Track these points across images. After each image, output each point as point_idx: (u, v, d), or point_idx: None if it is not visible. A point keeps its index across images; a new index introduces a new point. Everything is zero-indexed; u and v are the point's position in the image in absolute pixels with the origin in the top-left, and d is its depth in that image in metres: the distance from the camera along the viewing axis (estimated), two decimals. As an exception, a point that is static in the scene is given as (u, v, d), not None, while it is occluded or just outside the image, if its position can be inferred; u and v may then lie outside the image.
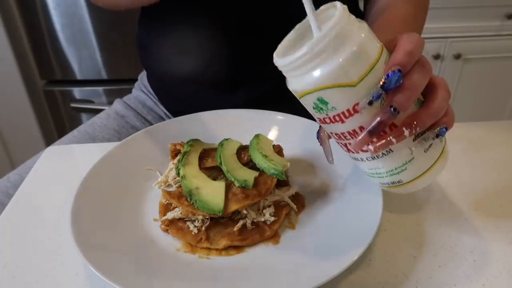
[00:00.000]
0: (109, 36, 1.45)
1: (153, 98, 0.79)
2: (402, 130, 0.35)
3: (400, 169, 0.38)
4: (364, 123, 0.35)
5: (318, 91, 0.35)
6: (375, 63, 0.34)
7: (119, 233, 0.44)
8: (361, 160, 0.39)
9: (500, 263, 0.42)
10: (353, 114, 0.35)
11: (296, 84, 0.36)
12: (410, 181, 0.39)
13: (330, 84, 0.34)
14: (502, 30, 1.52)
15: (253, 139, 0.51)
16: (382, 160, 0.38)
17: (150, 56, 0.74)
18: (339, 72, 0.33)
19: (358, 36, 0.34)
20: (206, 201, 0.43)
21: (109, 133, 0.73)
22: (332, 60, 0.33)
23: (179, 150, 0.52)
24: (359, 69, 0.34)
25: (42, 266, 0.43)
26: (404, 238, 0.45)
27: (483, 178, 0.53)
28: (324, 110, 0.36)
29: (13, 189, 0.59)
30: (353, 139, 0.37)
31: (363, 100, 0.34)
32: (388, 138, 0.35)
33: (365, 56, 0.34)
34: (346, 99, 0.35)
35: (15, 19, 1.45)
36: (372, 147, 0.36)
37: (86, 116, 1.59)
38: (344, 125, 0.36)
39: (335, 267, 0.37)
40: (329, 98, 0.35)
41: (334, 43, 0.33)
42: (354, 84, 0.34)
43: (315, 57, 0.34)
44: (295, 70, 0.35)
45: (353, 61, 0.33)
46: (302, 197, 0.49)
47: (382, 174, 0.39)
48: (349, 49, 0.33)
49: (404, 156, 0.37)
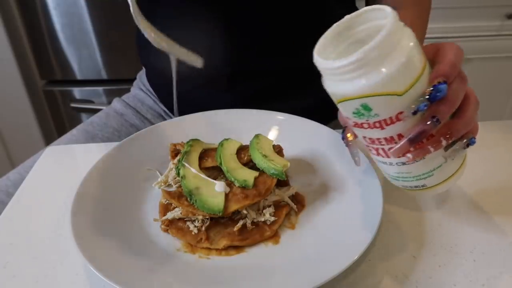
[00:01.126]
0: (109, 36, 1.45)
1: (152, 96, 0.79)
2: (439, 140, 0.36)
3: (427, 175, 0.39)
4: (404, 131, 0.36)
5: (364, 98, 0.34)
6: (422, 73, 0.34)
7: (119, 233, 0.44)
8: (390, 164, 0.40)
9: (500, 263, 0.42)
10: (394, 122, 0.35)
11: (339, 88, 0.36)
12: (433, 186, 0.40)
13: (378, 92, 0.34)
14: (502, 30, 1.51)
15: (253, 139, 0.51)
16: (413, 166, 0.39)
17: (150, 53, 0.74)
18: (388, 81, 0.33)
19: (408, 45, 0.34)
20: (206, 201, 0.43)
21: (108, 132, 0.73)
22: (382, 68, 0.33)
23: (179, 150, 0.52)
24: (407, 78, 0.34)
25: (42, 266, 0.43)
26: (404, 238, 0.45)
27: (483, 178, 0.53)
28: (365, 116, 0.36)
29: (13, 188, 0.59)
30: (388, 145, 0.37)
31: (408, 110, 0.34)
32: (426, 147, 0.36)
33: (414, 65, 0.34)
34: (391, 107, 0.35)
35: (15, 19, 1.44)
36: (411, 155, 0.36)
37: (86, 116, 1.59)
38: (382, 132, 0.36)
39: (335, 267, 0.37)
40: (373, 105, 0.35)
41: (386, 51, 0.33)
42: (401, 93, 0.34)
43: (366, 64, 0.33)
44: (341, 74, 0.34)
45: (403, 70, 0.33)
46: (302, 197, 0.49)
47: (408, 178, 0.40)
48: (400, 58, 0.33)
49: (435, 163, 0.38)
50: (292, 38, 0.66)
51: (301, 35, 0.67)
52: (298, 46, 0.67)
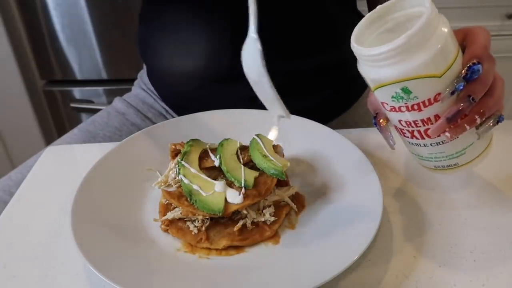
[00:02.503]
0: (109, 36, 1.45)
1: (153, 95, 0.79)
2: (474, 117, 0.38)
3: (460, 153, 0.41)
4: (440, 111, 0.38)
5: (405, 81, 0.36)
6: (457, 55, 0.37)
7: (119, 233, 0.44)
8: (424, 145, 0.41)
9: (500, 263, 0.42)
10: (432, 103, 0.37)
11: (379, 74, 0.37)
12: (465, 164, 0.42)
13: (418, 75, 0.36)
14: (502, 30, 1.51)
15: (253, 139, 0.51)
16: (447, 145, 0.40)
17: (151, 52, 0.74)
18: (429, 64, 0.35)
19: (444, 30, 0.36)
20: (206, 201, 0.43)
21: (110, 131, 0.73)
22: (423, 52, 0.35)
23: (179, 150, 0.52)
24: (445, 61, 0.36)
25: (42, 266, 0.43)
26: (404, 238, 0.45)
27: (483, 178, 0.53)
28: (403, 99, 0.38)
29: (15, 188, 0.59)
30: (425, 126, 0.39)
31: (446, 90, 0.36)
32: (463, 125, 0.38)
33: (450, 49, 0.36)
34: (430, 89, 0.37)
35: (15, 19, 1.44)
36: (449, 134, 0.38)
37: (86, 116, 1.59)
38: (420, 113, 0.38)
39: (335, 267, 0.37)
40: (414, 88, 0.37)
41: (426, 36, 0.35)
42: (440, 75, 0.36)
43: (408, 49, 0.35)
44: (383, 60, 0.36)
45: (441, 53, 0.35)
46: (302, 197, 0.49)
47: (441, 158, 0.42)
48: (438, 42, 0.35)
49: (468, 142, 0.40)
50: (295, 41, 0.66)
51: (304, 38, 0.67)
52: (301, 49, 0.67)
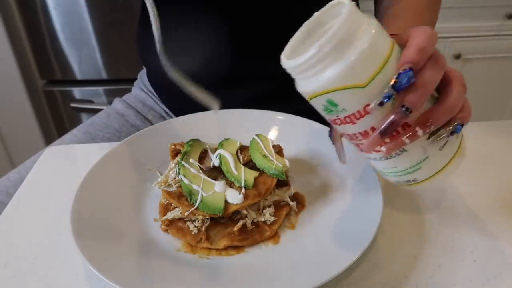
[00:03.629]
0: (109, 36, 1.45)
1: (153, 96, 0.79)
2: (415, 130, 0.34)
3: (414, 168, 0.37)
4: (376, 124, 0.34)
5: (327, 94, 0.34)
6: (386, 62, 0.33)
7: (119, 233, 0.44)
8: (375, 159, 0.39)
9: (500, 263, 0.42)
10: (363, 116, 0.34)
11: (305, 86, 0.35)
12: (425, 179, 0.38)
13: (339, 86, 0.33)
14: (502, 30, 1.51)
15: (253, 139, 0.51)
16: (396, 159, 0.37)
17: (150, 54, 0.74)
18: (347, 74, 0.32)
19: (367, 35, 0.32)
20: (206, 201, 0.43)
21: (109, 132, 0.73)
22: (340, 61, 0.32)
23: (179, 150, 0.52)
24: (368, 69, 0.32)
25: (42, 266, 0.43)
26: (404, 238, 0.45)
27: (483, 178, 0.53)
28: (334, 112, 0.35)
29: (13, 188, 0.59)
30: (365, 139, 0.36)
31: (374, 101, 0.33)
32: (401, 139, 0.34)
33: (375, 56, 0.33)
34: (356, 100, 0.33)
35: (15, 19, 1.44)
36: (384, 148, 0.35)
37: (86, 116, 1.59)
38: (355, 126, 0.35)
39: (335, 267, 0.37)
40: (338, 100, 0.34)
41: (342, 44, 0.32)
42: (363, 85, 0.33)
43: (322, 59, 0.32)
44: (302, 72, 0.34)
45: (362, 61, 0.32)
46: (302, 197, 0.49)
47: (396, 173, 0.38)
48: (357, 50, 0.32)
49: (419, 155, 0.36)
50: None
51: None
52: None
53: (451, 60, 1.55)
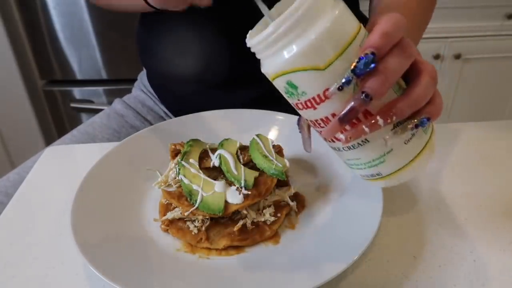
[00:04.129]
0: (109, 36, 1.45)
1: (153, 97, 0.79)
2: (376, 119, 0.32)
3: (378, 161, 0.35)
4: (337, 110, 0.32)
5: (287, 74, 0.32)
6: (348, 45, 0.31)
7: (119, 233, 0.44)
8: (338, 149, 0.37)
9: (500, 263, 0.42)
10: (324, 100, 0.32)
11: (267, 66, 0.34)
12: (389, 174, 0.36)
13: (297, 67, 0.31)
14: (502, 30, 1.51)
15: (253, 139, 0.51)
16: (359, 150, 0.35)
17: (150, 55, 0.74)
18: (306, 54, 0.31)
19: (330, 14, 0.31)
20: (206, 201, 0.43)
21: (108, 133, 0.73)
22: (299, 40, 0.31)
23: (179, 150, 0.52)
24: (328, 51, 0.31)
25: (42, 266, 0.43)
26: (404, 238, 0.45)
27: (483, 178, 0.53)
28: (295, 95, 0.33)
29: (12, 189, 0.59)
30: (327, 126, 0.34)
31: (334, 85, 0.31)
32: (361, 127, 0.32)
33: (337, 37, 0.31)
34: (315, 83, 0.32)
35: (15, 19, 1.44)
36: (343, 136, 0.33)
37: (86, 116, 1.59)
38: (316, 112, 0.34)
39: (335, 267, 0.37)
40: (298, 82, 0.32)
41: (302, 21, 0.30)
42: (323, 67, 0.31)
43: (283, 36, 0.31)
44: (264, 50, 0.33)
45: (322, 41, 0.30)
46: (302, 197, 0.49)
47: (360, 165, 0.37)
48: (318, 29, 0.30)
49: (382, 147, 0.34)
50: None
51: None
52: None
53: (451, 60, 1.55)
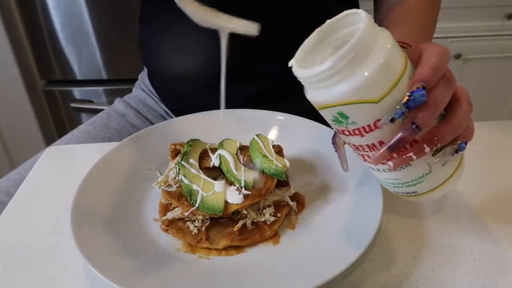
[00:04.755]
0: (109, 36, 1.45)
1: (154, 96, 0.79)
2: (423, 147, 0.34)
3: (416, 182, 0.38)
4: (384, 138, 0.35)
5: (339, 106, 0.34)
6: (399, 78, 0.33)
7: (119, 233, 0.44)
8: (378, 170, 0.39)
9: (500, 263, 0.42)
10: (373, 130, 0.34)
11: (316, 96, 0.35)
12: (425, 192, 0.39)
13: (352, 100, 0.33)
14: (502, 30, 1.51)
15: (253, 139, 0.51)
16: (400, 172, 0.37)
17: (151, 54, 0.74)
18: (362, 88, 0.32)
19: (383, 50, 0.32)
20: (206, 201, 0.43)
21: (109, 132, 0.73)
22: (355, 76, 0.32)
23: (179, 150, 0.52)
24: (382, 85, 0.32)
25: (42, 266, 0.43)
26: (404, 238, 0.45)
27: (483, 178, 0.53)
28: (343, 124, 0.35)
29: (13, 189, 0.59)
30: (372, 152, 0.36)
31: (385, 117, 0.33)
32: (408, 155, 0.35)
33: (390, 71, 0.33)
34: (367, 114, 0.34)
35: (15, 19, 1.44)
36: (391, 163, 0.35)
37: (86, 116, 1.59)
38: (363, 139, 0.35)
39: (335, 267, 0.37)
40: (350, 113, 0.34)
41: (358, 58, 0.32)
42: (376, 100, 0.33)
43: (338, 72, 0.32)
44: (315, 83, 0.34)
45: (377, 76, 0.32)
46: (302, 197, 0.49)
47: (398, 185, 0.39)
48: (373, 65, 0.32)
49: (422, 170, 0.37)
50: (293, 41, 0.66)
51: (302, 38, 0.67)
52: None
53: (451, 60, 1.55)
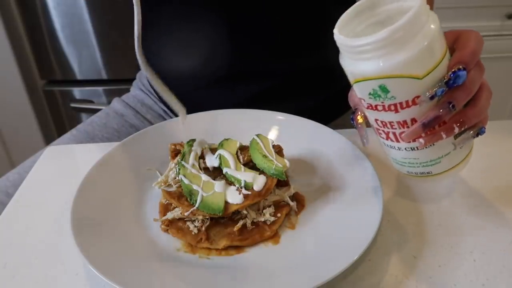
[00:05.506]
0: (109, 36, 1.45)
1: (152, 96, 0.79)
2: (452, 126, 0.36)
3: (434, 162, 0.39)
4: (418, 115, 0.36)
5: (383, 79, 0.34)
6: (442, 58, 0.34)
7: (119, 233, 0.44)
8: (398, 149, 0.40)
9: (500, 263, 0.42)
10: (410, 106, 0.35)
11: (358, 67, 0.35)
12: (439, 173, 0.40)
13: (399, 73, 0.34)
14: (502, 30, 1.51)
15: (253, 139, 0.51)
16: (421, 152, 0.39)
17: (150, 52, 0.74)
18: (411, 62, 0.33)
19: (432, 29, 0.34)
20: (206, 201, 0.43)
21: (108, 132, 0.73)
22: (405, 50, 0.33)
23: (179, 150, 0.52)
24: (428, 62, 0.34)
25: (42, 266, 0.43)
26: (404, 238, 0.45)
27: (483, 178, 0.53)
28: (381, 98, 0.36)
29: (12, 189, 0.59)
30: (400, 129, 0.37)
31: (426, 94, 0.34)
32: (439, 133, 0.36)
33: (436, 50, 0.34)
34: (409, 90, 0.35)
35: (15, 19, 1.44)
36: (423, 140, 0.36)
37: (86, 116, 1.59)
38: (397, 115, 0.36)
39: (335, 267, 0.37)
40: (392, 87, 0.35)
41: (411, 33, 0.33)
42: (421, 77, 0.34)
43: (390, 44, 0.33)
44: (363, 53, 0.34)
45: (425, 53, 0.33)
46: (302, 197, 0.49)
47: (415, 164, 0.40)
48: (423, 41, 0.33)
49: (444, 151, 0.39)
50: (293, 41, 0.66)
51: (302, 38, 0.67)
52: (299, 49, 0.67)
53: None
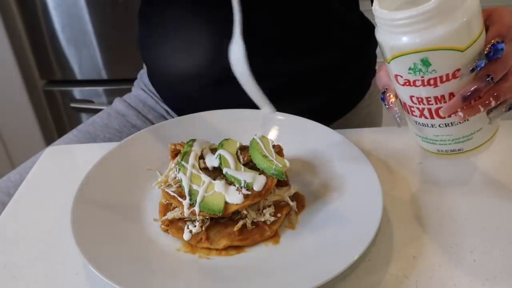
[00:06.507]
0: (109, 36, 1.45)
1: (154, 96, 0.79)
2: (489, 100, 0.36)
3: (466, 138, 0.39)
4: (456, 89, 0.36)
5: (426, 52, 0.34)
6: (482, 31, 0.35)
7: (119, 233, 0.44)
8: (432, 126, 0.40)
9: (500, 263, 0.42)
10: (450, 80, 0.35)
11: (400, 41, 0.35)
12: (469, 150, 0.40)
13: (442, 46, 0.34)
14: (502, 30, 1.51)
15: (253, 139, 0.51)
16: (455, 128, 0.39)
17: (152, 53, 0.74)
18: (454, 35, 0.34)
19: (474, 2, 0.34)
20: (206, 201, 0.43)
21: (110, 132, 0.73)
22: (449, 22, 0.33)
23: (179, 150, 0.52)
24: (470, 35, 0.34)
25: (42, 266, 0.43)
26: (404, 238, 0.45)
27: (483, 178, 0.53)
28: (421, 72, 0.36)
29: (14, 189, 0.59)
30: (437, 104, 0.37)
31: (467, 66, 0.35)
32: (477, 106, 0.36)
33: (476, 24, 0.35)
34: (451, 63, 0.35)
35: (15, 19, 1.44)
36: (461, 113, 0.37)
37: (86, 116, 1.59)
38: (435, 89, 0.36)
39: (335, 267, 0.37)
40: (434, 60, 0.35)
41: (455, 5, 0.33)
42: (463, 49, 0.34)
43: (435, 16, 0.33)
44: (405, 26, 0.34)
45: (467, 26, 0.34)
46: (302, 197, 0.49)
47: (446, 141, 0.40)
48: (466, 14, 0.33)
49: (477, 126, 0.39)
50: (298, 42, 0.66)
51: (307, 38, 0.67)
52: (304, 49, 0.67)
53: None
